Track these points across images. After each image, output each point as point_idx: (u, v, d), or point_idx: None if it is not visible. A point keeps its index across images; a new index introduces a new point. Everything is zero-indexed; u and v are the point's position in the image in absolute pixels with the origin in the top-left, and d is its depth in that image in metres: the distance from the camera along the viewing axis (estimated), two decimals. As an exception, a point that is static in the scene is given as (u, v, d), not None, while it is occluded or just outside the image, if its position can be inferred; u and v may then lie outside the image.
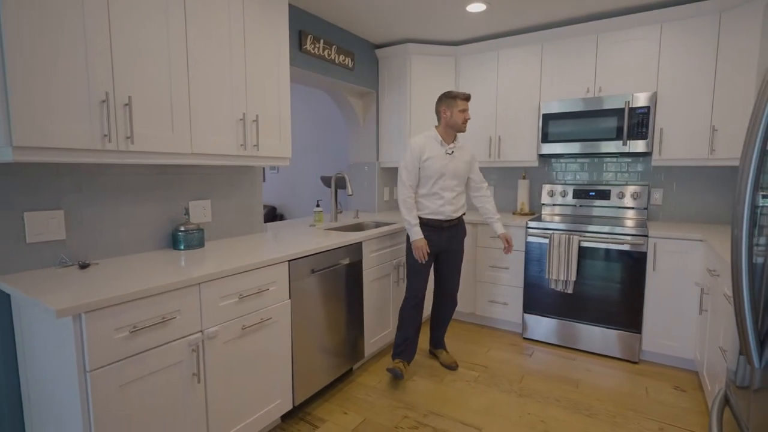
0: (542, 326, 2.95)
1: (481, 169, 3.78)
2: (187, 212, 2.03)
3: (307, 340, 2.06)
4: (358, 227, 2.98)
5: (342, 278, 2.29)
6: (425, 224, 2.37)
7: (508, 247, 2.51)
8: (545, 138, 3.06)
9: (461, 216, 2.47)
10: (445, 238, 2.42)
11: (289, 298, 1.93)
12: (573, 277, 2.74)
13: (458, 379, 2.46)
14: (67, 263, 1.65)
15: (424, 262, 2.35)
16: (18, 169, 1.53)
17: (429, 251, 2.35)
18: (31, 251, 1.58)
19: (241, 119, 1.99)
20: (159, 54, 1.64)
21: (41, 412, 1.46)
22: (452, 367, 2.57)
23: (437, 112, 2.38)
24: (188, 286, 1.49)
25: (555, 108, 3.00)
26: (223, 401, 1.65)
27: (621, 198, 3.11)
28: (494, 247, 3.12)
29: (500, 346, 2.92)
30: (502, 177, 3.70)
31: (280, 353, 1.89)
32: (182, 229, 1.97)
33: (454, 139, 2.40)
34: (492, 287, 3.16)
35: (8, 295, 1.53)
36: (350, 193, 2.84)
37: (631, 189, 3.07)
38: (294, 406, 1.99)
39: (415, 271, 2.39)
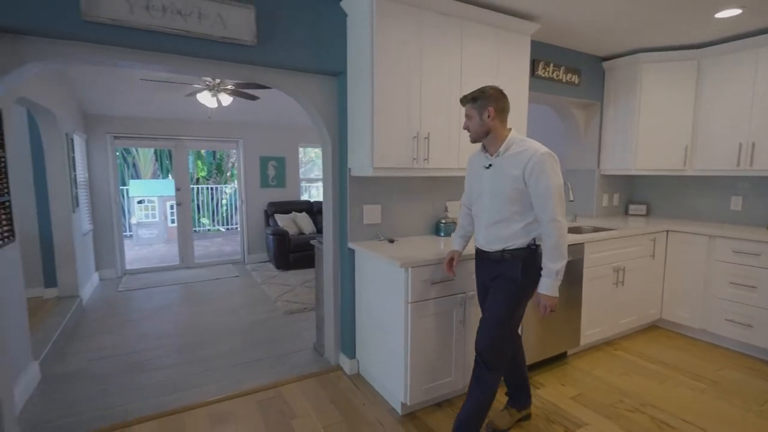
0: (801, 357, 2.60)
1: (728, 178, 3.43)
2: (446, 209, 2.80)
3: (532, 318, 2.53)
4: (577, 230, 3.25)
5: (565, 273, 2.65)
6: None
7: (541, 310, 1.84)
8: (822, 143, 2.65)
9: (507, 251, 1.82)
10: (487, 271, 1.93)
11: (522, 280, 2.45)
12: None
13: (680, 384, 2.50)
14: (381, 239, 2.61)
15: (452, 278, 2.11)
16: (363, 179, 2.53)
17: (477, 280, 2.02)
18: (364, 229, 2.58)
19: (490, 141, 2.62)
20: (442, 106, 2.41)
21: (368, 323, 2.41)
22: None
23: None
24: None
25: (840, 108, 2.57)
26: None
27: None
28: (737, 263, 2.89)
29: (736, 367, 2.73)
30: (756, 186, 3.28)
31: (512, 322, 2.44)
32: (443, 221, 2.74)
33: (503, 146, 1.80)
34: (731, 305, 2.93)
35: (353, 251, 2.55)
36: (571, 198, 3.15)
37: None
38: (519, 367, 2.52)
39: None
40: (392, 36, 2.19)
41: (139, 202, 8.86)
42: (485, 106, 1.78)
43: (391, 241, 2.52)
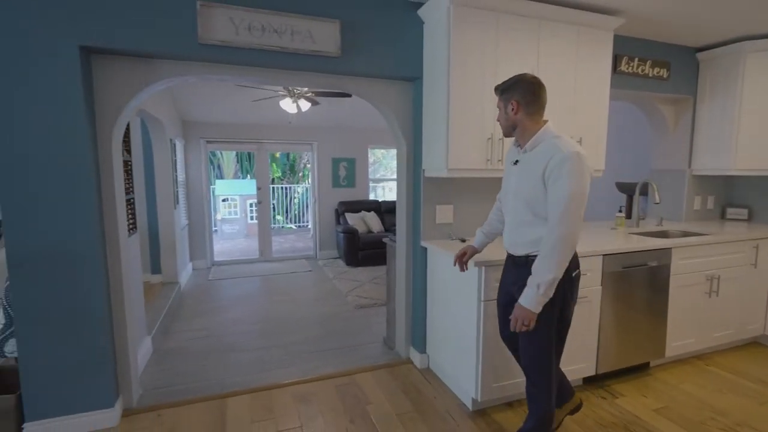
0: None
1: None
2: (519, 210, 2.78)
3: (611, 324, 2.44)
4: (662, 234, 3.05)
5: (648, 279, 2.52)
6: None
7: (512, 323, 1.61)
8: None
9: (531, 256, 1.65)
10: (514, 276, 1.76)
11: (601, 285, 2.37)
12: None
13: (787, 408, 2.26)
14: (453, 238, 2.67)
15: (461, 271, 2.05)
16: (437, 180, 2.61)
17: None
18: (437, 228, 2.66)
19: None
20: (520, 102, 2.41)
21: (439, 319, 2.48)
22: None
23: None
24: (534, 261, 2.18)
25: None
26: (547, 348, 2.28)
27: None
28: None
29: None
30: None
31: (589, 327, 2.37)
32: (515, 222, 2.73)
33: (531, 141, 1.64)
34: None
35: (425, 249, 2.64)
36: (657, 201, 2.96)
37: None
38: (595, 374, 2.44)
39: None
40: (468, 41, 2.24)
41: (224, 200, 9.73)
42: (510, 98, 1.65)
43: (463, 240, 2.57)
